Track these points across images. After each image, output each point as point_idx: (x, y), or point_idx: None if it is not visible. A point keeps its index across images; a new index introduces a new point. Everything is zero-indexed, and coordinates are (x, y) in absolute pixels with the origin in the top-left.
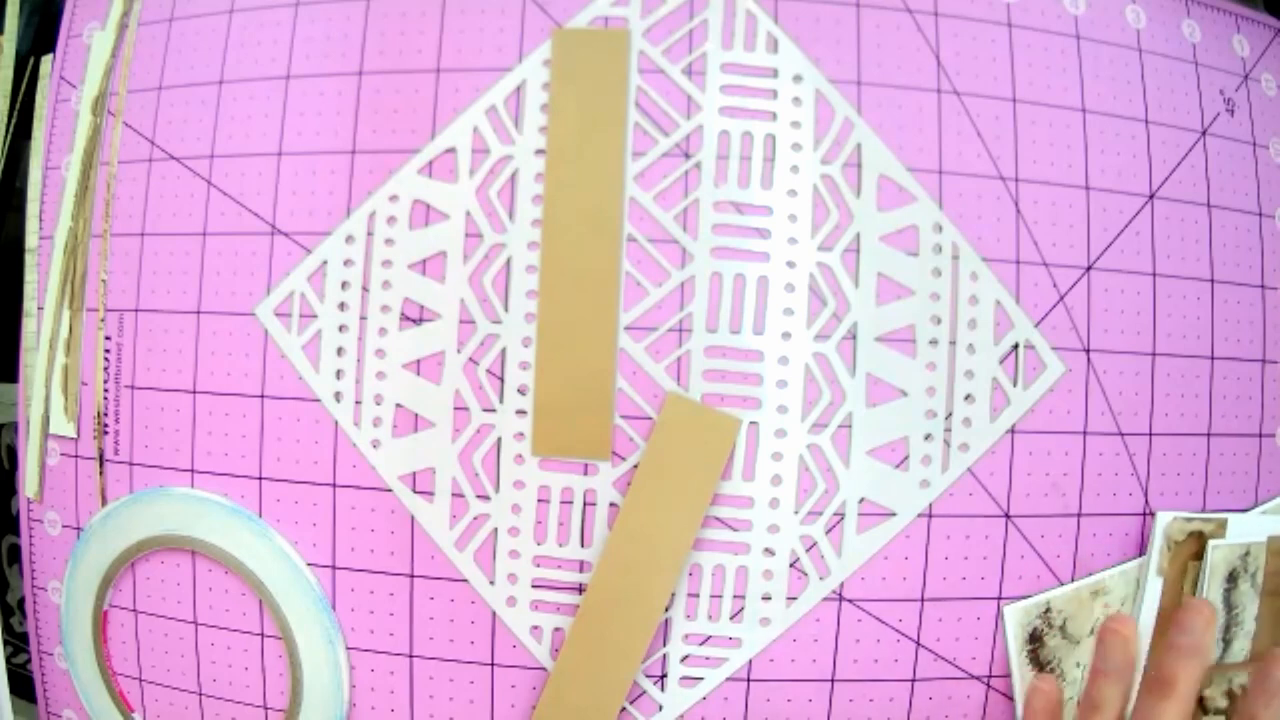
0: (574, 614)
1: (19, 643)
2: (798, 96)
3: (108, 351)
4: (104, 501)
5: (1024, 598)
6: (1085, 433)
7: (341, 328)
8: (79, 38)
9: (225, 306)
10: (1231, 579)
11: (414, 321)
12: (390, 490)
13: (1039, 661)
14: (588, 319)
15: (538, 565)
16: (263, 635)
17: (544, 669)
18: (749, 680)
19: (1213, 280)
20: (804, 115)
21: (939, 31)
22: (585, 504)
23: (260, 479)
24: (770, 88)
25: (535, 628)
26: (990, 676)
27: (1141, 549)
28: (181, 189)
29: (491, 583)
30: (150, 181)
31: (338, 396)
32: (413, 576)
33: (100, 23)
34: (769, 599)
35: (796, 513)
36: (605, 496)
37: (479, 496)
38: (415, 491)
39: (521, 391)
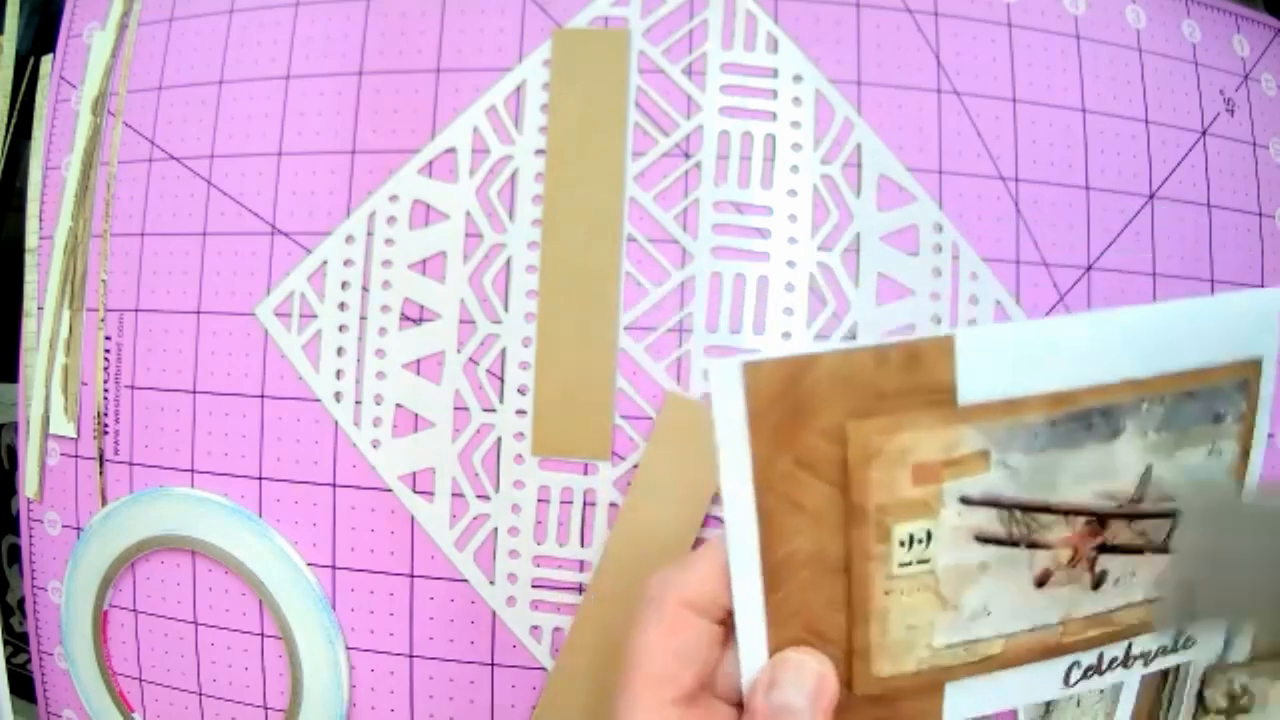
0: (574, 614)
1: (19, 643)
2: (798, 96)
3: (108, 351)
4: (104, 501)
5: None
6: None
7: (341, 328)
8: (79, 38)
9: (225, 306)
10: None
11: (414, 321)
12: (390, 490)
13: None
14: (588, 319)
15: (538, 565)
16: (263, 635)
17: (544, 669)
18: None
19: (1213, 280)
20: (804, 115)
21: (939, 31)
22: (585, 504)
23: (260, 479)
24: (770, 88)
25: (535, 628)
26: None
27: None
28: (181, 189)
29: (491, 583)
30: (150, 181)
31: (338, 396)
32: (413, 576)
33: (100, 23)
34: None
35: None
36: (605, 496)
37: (479, 496)
38: (415, 491)
39: (521, 391)
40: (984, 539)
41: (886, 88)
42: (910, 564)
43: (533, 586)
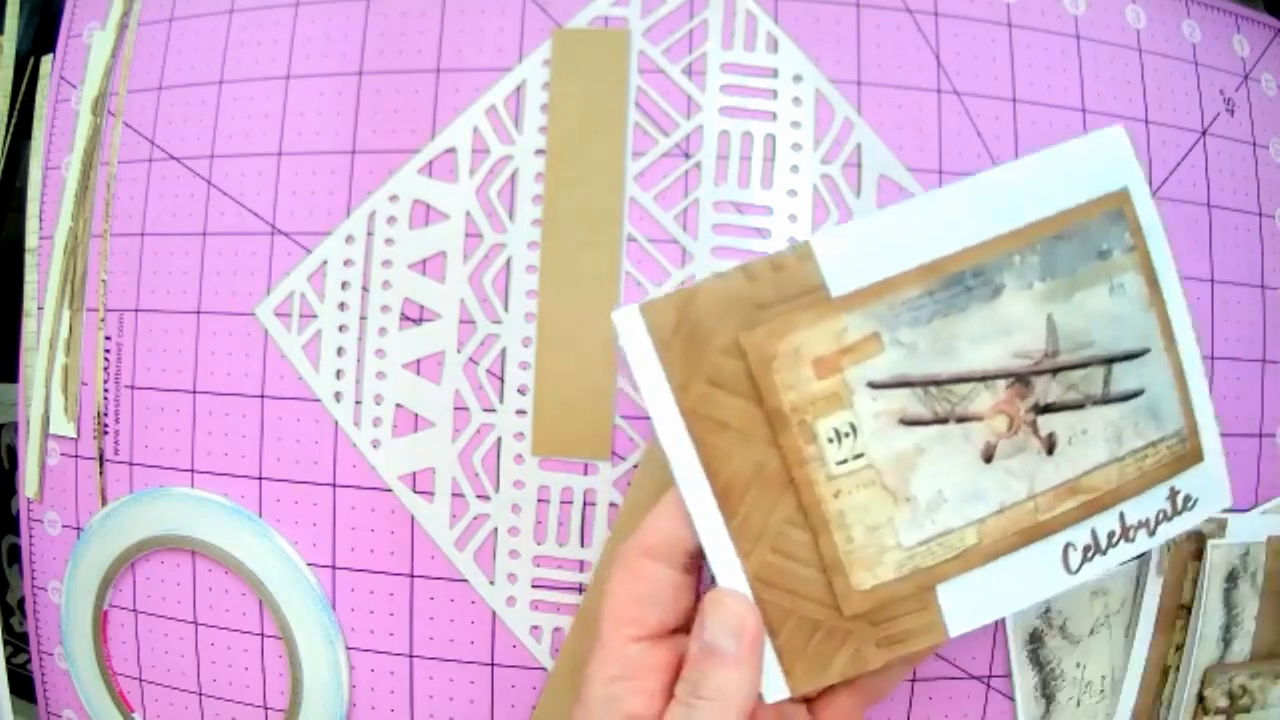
0: (574, 614)
1: (19, 643)
2: (798, 96)
3: (108, 351)
4: (104, 501)
5: None
6: None
7: (341, 328)
8: (79, 38)
9: (225, 306)
10: (1231, 579)
11: (414, 321)
12: (390, 490)
13: (1039, 661)
14: (588, 319)
15: (538, 565)
16: (263, 635)
17: (544, 669)
18: None
19: (1213, 280)
20: (804, 115)
21: (939, 31)
22: (585, 504)
23: (260, 479)
24: (770, 88)
25: (535, 628)
26: (990, 676)
27: None
28: (181, 189)
29: (491, 583)
30: (150, 181)
31: (338, 396)
32: (413, 576)
33: (100, 23)
34: None
35: None
36: (605, 496)
37: (479, 496)
38: (415, 491)
39: (521, 391)
40: (909, 422)
41: (886, 88)
42: (846, 461)
43: (533, 586)
